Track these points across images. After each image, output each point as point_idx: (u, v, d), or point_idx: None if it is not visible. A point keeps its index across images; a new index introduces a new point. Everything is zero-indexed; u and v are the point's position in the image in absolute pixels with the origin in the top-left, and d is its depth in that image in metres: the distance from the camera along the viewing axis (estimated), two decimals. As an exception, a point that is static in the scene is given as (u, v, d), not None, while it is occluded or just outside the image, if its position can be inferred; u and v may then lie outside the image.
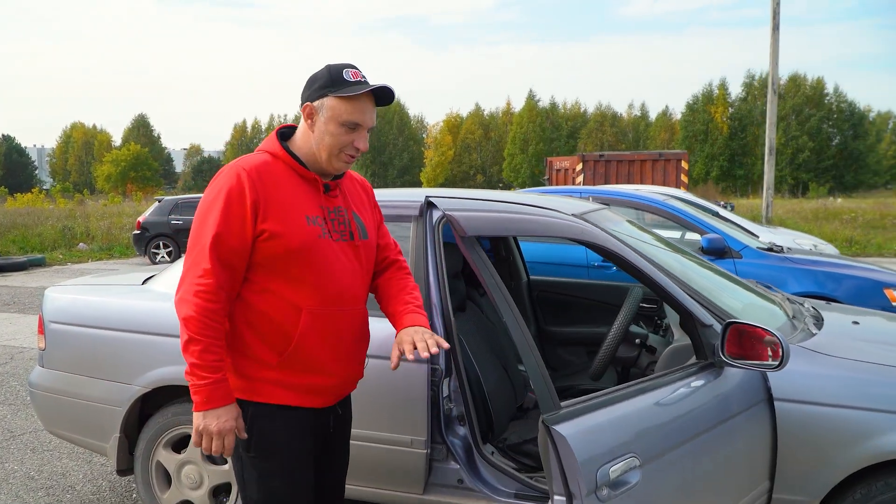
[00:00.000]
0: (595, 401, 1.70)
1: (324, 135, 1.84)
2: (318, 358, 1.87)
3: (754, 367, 2.00)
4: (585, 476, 1.51)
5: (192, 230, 1.83)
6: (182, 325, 1.75)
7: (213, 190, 1.83)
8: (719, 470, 1.98)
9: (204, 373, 1.73)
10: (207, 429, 1.75)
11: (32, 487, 3.65)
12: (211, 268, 1.74)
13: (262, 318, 1.84)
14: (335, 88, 1.81)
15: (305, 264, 1.83)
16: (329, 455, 2.07)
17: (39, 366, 3.29)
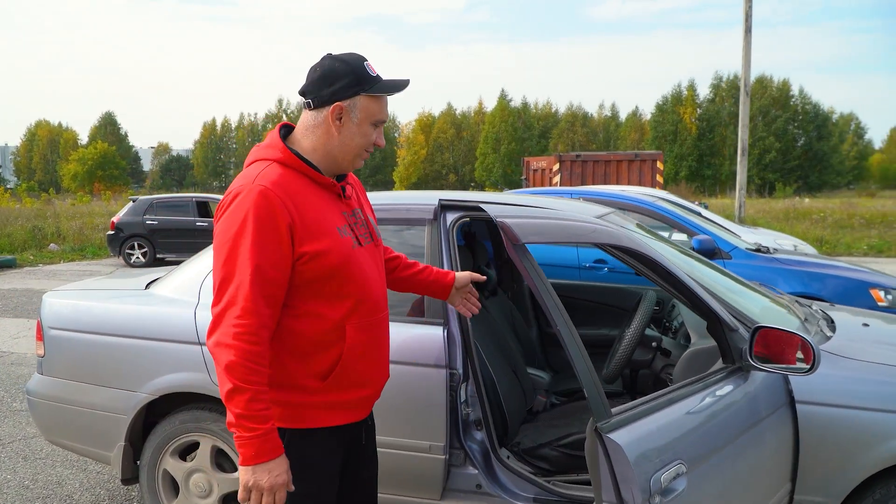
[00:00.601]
0: (643, 408, 1.70)
1: (354, 136, 1.74)
2: (363, 371, 1.81)
3: (784, 372, 2.02)
4: (640, 484, 1.51)
5: (219, 263, 1.64)
6: (223, 373, 1.58)
7: (236, 216, 1.63)
8: (751, 473, 2.00)
9: (252, 424, 1.57)
10: (258, 485, 1.60)
11: (28, 497, 3.56)
12: (252, 306, 1.58)
13: (305, 342, 1.73)
14: (366, 87, 1.71)
15: (346, 279, 1.73)
16: (359, 467, 2.00)
17: (38, 373, 3.20)
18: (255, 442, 1.58)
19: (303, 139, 1.77)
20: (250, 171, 1.73)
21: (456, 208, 2.78)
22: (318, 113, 1.74)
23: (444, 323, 2.62)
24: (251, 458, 1.59)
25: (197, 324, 2.84)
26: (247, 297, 1.58)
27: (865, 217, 20.22)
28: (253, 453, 1.58)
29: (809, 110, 64.98)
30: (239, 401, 1.57)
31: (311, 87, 1.74)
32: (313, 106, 1.74)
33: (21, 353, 6.59)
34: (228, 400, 1.58)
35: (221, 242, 1.65)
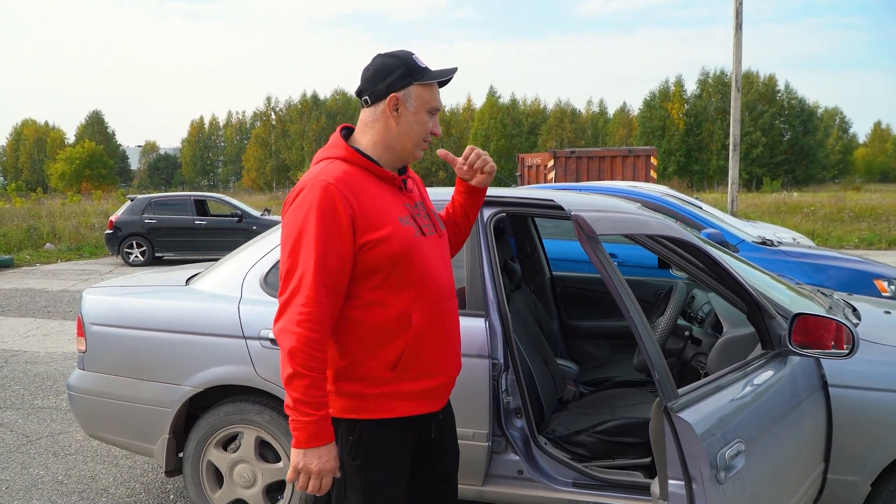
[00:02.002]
0: (705, 388, 1.80)
1: (412, 124, 1.81)
2: (431, 360, 1.84)
3: (824, 356, 2.12)
4: (709, 460, 1.61)
5: (285, 254, 1.72)
6: (286, 357, 1.65)
7: (301, 209, 1.71)
8: (794, 453, 2.10)
9: (309, 409, 1.65)
10: (308, 467, 1.67)
11: (64, 492, 3.62)
12: (315, 294, 1.65)
13: (372, 332, 1.78)
14: (417, 76, 1.79)
15: (408, 267, 1.77)
16: (432, 461, 2.00)
17: (79, 369, 3.26)
18: (309, 427, 1.65)
19: (363, 136, 1.85)
20: (314, 168, 1.81)
21: (492, 204, 2.87)
22: (376, 108, 1.82)
23: (485, 315, 2.71)
24: (304, 442, 1.66)
25: (241, 318, 2.92)
26: (310, 286, 1.65)
27: (854, 210, 20.48)
28: (306, 437, 1.66)
29: (795, 105, 65.64)
30: (298, 385, 1.64)
31: (366, 85, 1.83)
32: (370, 102, 1.82)
33: (34, 352, 6.62)
34: (288, 384, 1.65)
35: (287, 235, 1.73)
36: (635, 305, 1.70)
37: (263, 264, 3.03)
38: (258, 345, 2.88)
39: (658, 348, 1.67)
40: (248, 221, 13.75)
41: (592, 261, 1.68)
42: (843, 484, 2.40)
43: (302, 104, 77.04)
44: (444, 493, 2.04)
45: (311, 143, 72.38)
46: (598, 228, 1.65)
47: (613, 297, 1.69)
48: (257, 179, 74.12)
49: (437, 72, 1.82)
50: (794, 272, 5.50)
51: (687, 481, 1.63)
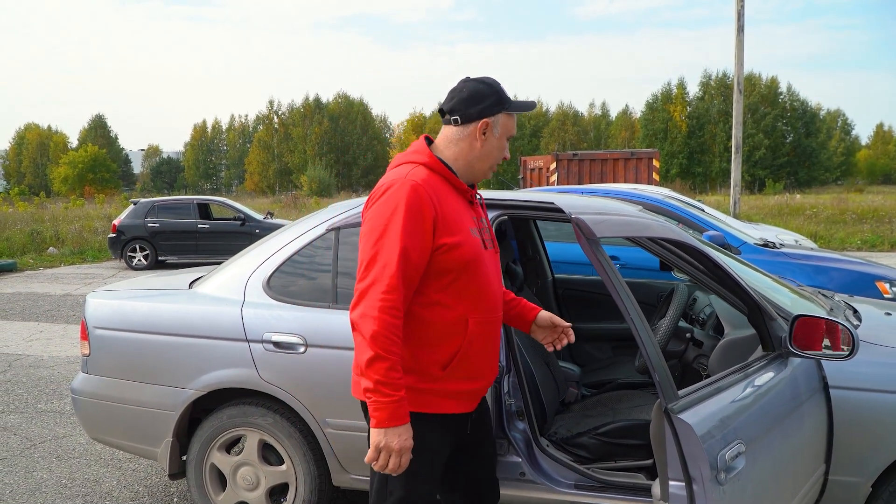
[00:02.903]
0: (705, 390, 1.81)
1: (494, 148, 1.97)
2: (478, 364, 1.97)
3: (824, 358, 2.13)
4: (709, 461, 1.62)
5: (369, 244, 1.83)
6: (367, 342, 1.74)
7: (389, 204, 1.83)
8: (795, 454, 2.11)
9: (389, 390, 1.74)
10: (388, 446, 1.75)
11: (68, 496, 3.63)
12: (396, 283, 1.77)
13: (432, 331, 1.89)
14: (505, 106, 1.96)
15: (473, 275, 1.91)
16: (470, 452, 2.14)
17: (83, 372, 3.28)
18: (390, 407, 1.74)
19: (445, 149, 2.00)
20: (400, 170, 1.95)
21: (495, 207, 2.88)
22: (464, 128, 1.97)
23: None
24: (385, 422, 1.75)
25: (244, 321, 2.93)
26: (393, 275, 1.77)
27: (857, 212, 20.46)
28: (387, 417, 1.75)
29: (797, 107, 65.60)
30: (379, 368, 1.73)
31: (458, 106, 1.97)
32: (460, 122, 1.97)
33: (37, 356, 6.64)
34: (369, 367, 1.74)
35: (373, 227, 1.84)
36: (636, 308, 1.71)
37: (266, 268, 3.04)
38: (261, 348, 2.89)
39: (658, 350, 1.68)
40: (250, 225, 13.78)
41: (593, 263, 1.69)
42: (844, 485, 2.40)
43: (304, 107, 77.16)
44: (485, 479, 2.21)
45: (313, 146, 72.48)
46: (599, 231, 1.67)
47: (614, 300, 1.70)
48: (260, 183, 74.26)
49: (520, 103, 1.99)
50: (796, 274, 5.51)
51: (687, 482, 1.64)
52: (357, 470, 2.88)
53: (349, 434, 2.83)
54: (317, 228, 3.04)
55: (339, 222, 3.00)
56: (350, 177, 72.37)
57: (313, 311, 2.90)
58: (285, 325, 2.89)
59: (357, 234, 2.97)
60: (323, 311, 2.89)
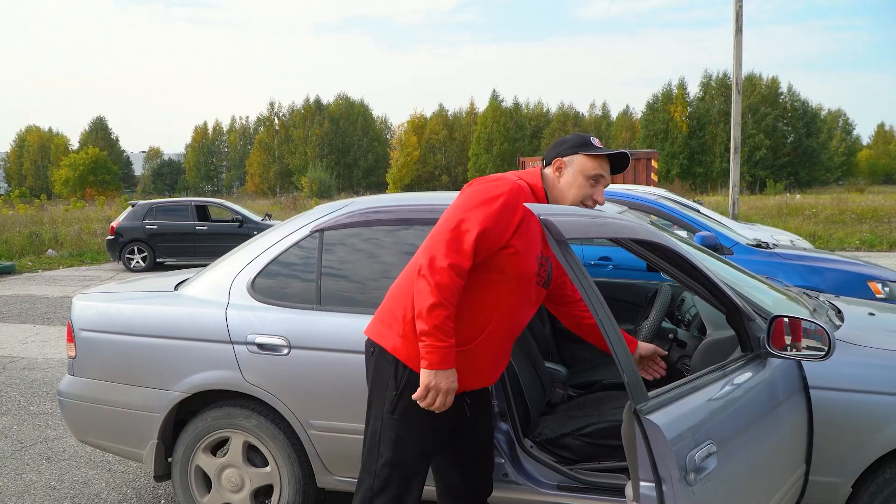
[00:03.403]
0: (676, 391, 1.81)
1: (571, 186, 2.12)
2: (482, 365, 2.13)
3: (801, 358, 2.13)
4: (677, 462, 1.61)
5: (459, 210, 2.01)
6: (432, 288, 1.92)
7: (493, 189, 2.03)
8: (772, 455, 2.11)
9: (444, 336, 1.92)
10: (438, 386, 1.94)
11: (56, 497, 3.64)
12: (469, 251, 1.94)
13: (462, 308, 2.01)
14: (585, 148, 2.13)
15: (514, 291, 2.07)
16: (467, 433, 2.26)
17: (69, 374, 3.28)
18: (442, 351, 1.93)
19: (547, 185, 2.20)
20: (510, 174, 2.16)
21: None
22: (549, 168, 2.18)
23: None
24: (437, 364, 1.93)
25: (228, 323, 2.93)
26: (469, 243, 1.96)
27: (857, 212, 20.45)
28: (439, 360, 1.93)
29: (798, 107, 65.56)
30: (439, 314, 1.92)
31: (548, 153, 2.22)
32: (545, 165, 2.20)
33: (32, 358, 6.66)
34: (430, 312, 1.92)
35: (471, 199, 2.03)
36: (604, 308, 1.71)
37: (251, 269, 3.05)
38: (245, 350, 2.90)
39: (628, 352, 1.68)
40: (248, 226, 13.79)
41: (562, 263, 1.70)
42: (824, 485, 2.40)
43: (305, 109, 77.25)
44: (475, 466, 2.35)
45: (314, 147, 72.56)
46: (567, 232, 1.68)
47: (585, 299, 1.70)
48: (261, 184, 74.34)
49: (603, 148, 2.15)
50: (789, 274, 5.51)
51: (657, 483, 1.64)
52: (341, 472, 2.88)
53: (333, 436, 2.83)
54: (301, 230, 3.04)
55: (323, 224, 3.00)
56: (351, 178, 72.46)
57: (297, 312, 2.90)
58: (269, 327, 2.89)
59: (340, 236, 2.99)
60: (307, 313, 2.89)
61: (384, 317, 2.16)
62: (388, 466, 2.11)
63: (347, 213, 3.00)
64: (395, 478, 2.11)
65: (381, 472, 2.12)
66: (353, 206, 3.03)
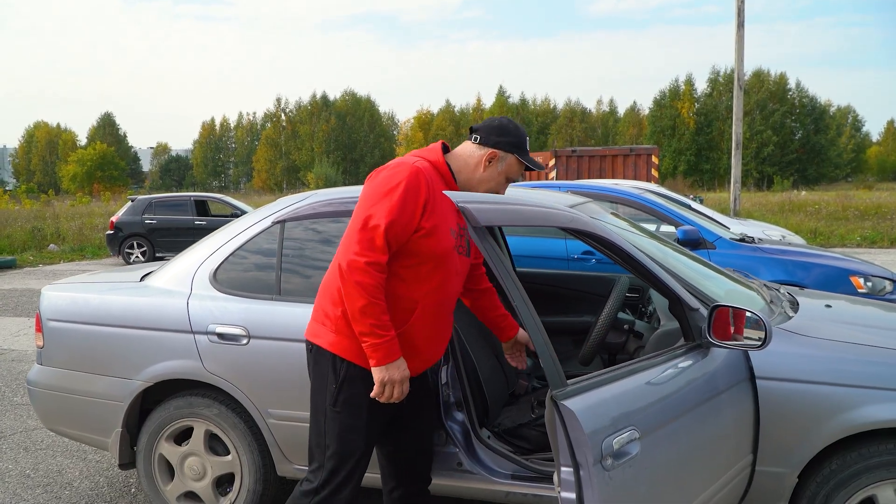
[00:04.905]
0: (598, 378, 1.82)
1: (491, 179, 2.18)
2: (418, 345, 2.16)
3: (739, 347, 2.14)
4: (592, 447, 1.63)
5: (365, 206, 2.03)
6: (358, 290, 1.97)
7: (392, 178, 2.04)
8: (709, 443, 2.12)
9: (383, 331, 1.98)
10: (392, 378, 2.01)
11: (29, 485, 3.68)
12: (382, 245, 1.98)
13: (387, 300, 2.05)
14: (520, 152, 2.18)
15: (437, 268, 2.10)
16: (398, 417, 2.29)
17: (38, 363, 3.32)
18: (386, 345, 1.99)
19: (455, 160, 2.22)
20: (409, 156, 2.17)
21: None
22: (479, 149, 2.20)
23: None
24: (384, 359, 2.00)
25: (189, 313, 2.96)
26: (381, 237, 1.98)
27: (860, 209, 20.32)
28: (384, 354, 1.99)
29: (806, 104, 65.13)
30: (373, 312, 1.97)
31: (485, 130, 2.21)
32: (479, 141, 2.21)
33: (22, 350, 6.72)
34: (363, 313, 1.97)
35: (373, 192, 2.05)
36: (522, 295, 1.73)
37: (213, 260, 3.07)
38: (206, 339, 2.92)
39: (545, 337, 1.70)
40: (246, 222, 13.81)
41: (480, 250, 1.71)
42: (770, 475, 2.40)
43: (312, 105, 77.33)
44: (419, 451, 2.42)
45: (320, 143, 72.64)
46: (484, 219, 1.69)
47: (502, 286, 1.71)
48: (268, 180, 74.52)
49: (532, 159, 2.21)
50: (772, 268, 5.49)
51: (575, 468, 1.65)
52: (300, 460, 2.91)
53: (291, 424, 2.85)
54: (263, 221, 3.06)
55: (284, 215, 3.02)
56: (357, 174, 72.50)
57: (257, 303, 2.93)
58: (229, 317, 2.92)
59: (300, 227, 3.01)
60: (266, 304, 2.91)
61: (318, 315, 2.20)
62: (335, 458, 2.15)
63: (308, 205, 3.01)
64: (341, 468, 2.16)
65: (327, 463, 2.16)
66: (313, 198, 3.05)
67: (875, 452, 2.33)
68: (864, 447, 2.35)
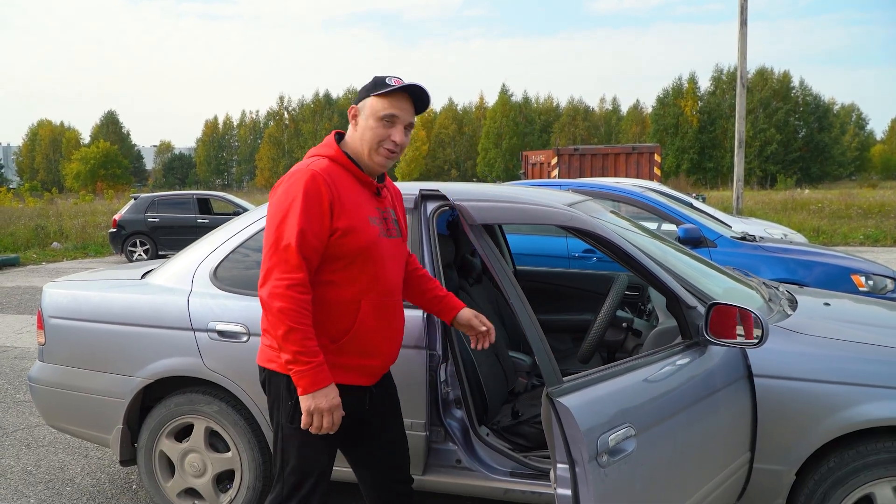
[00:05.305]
0: (594, 376, 1.83)
1: (365, 130, 2.03)
2: (372, 342, 2.08)
3: (736, 345, 2.15)
4: (587, 444, 1.64)
5: (271, 229, 1.97)
6: (278, 317, 1.88)
7: (289, 191, 1.97)
8: (705, 441, 2.12)
9: (308, 358, 1.89)
10: (319, 408, 1.91)
11: (31, 482, 3.70)
12: (299, 262, 1.90)
13: (324, 307, 2.01)
14: (375, 90, 2.03)
15: (367, 261, 2.03)
16: (374, 430, 2.24)
17: (39, 360, 3.33)
18: (311, 372, 1.89)
19: (347, 141, 2.13)
20: (305, 160, 2.08)
21: (436, 198, 2.90)
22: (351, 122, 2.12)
23: None
24: (310, 387, 1.90)
25: (190, 311, 2.97)
26: (294, 254, 1.91)
27: (863, 207, 20.28)
28: (310, 382, 1.89)
29: (810, 102, 64.95)
30: (295, 339, 1.88)
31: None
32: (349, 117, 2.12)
33: (24, 348, 6.74)
34: (285, 340, 1.88)
35: (276, 211, 1.98)
36: (518, 292, 1.73)
37: (214, 258, 3.08)
38: (206, 337, 2.93)
39: (541, 334, 1.70)
40: (249, 220, 13.83)
41: (476, 248, 1.71)
42: (768, 473, 2.41)
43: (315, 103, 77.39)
44: (395, 457, 2.31)
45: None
46: (479, 217, 1.70)
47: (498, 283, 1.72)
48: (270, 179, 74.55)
49: (388, 82, 2.02)
50: (773, 267, 5.49)
51: (571, 465, 1.66)
52: (299, 457, 2.91)
53: (291, 422, 2.86)
54: (263, 219, 3.07)
55: (284, 213, 3.02)
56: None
57: (257, 300, 2.92)
58: (230, 315, 2.93)
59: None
60: (266, 301, 2.92)
61: (265, 338, 2.12)
62: (296, 472, 2.10)
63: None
64: (303, 482, 2.11)
65: (289, 479, 2.11)
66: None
67: (873, 450, 2.34)
68: (862, 445, 2.35)
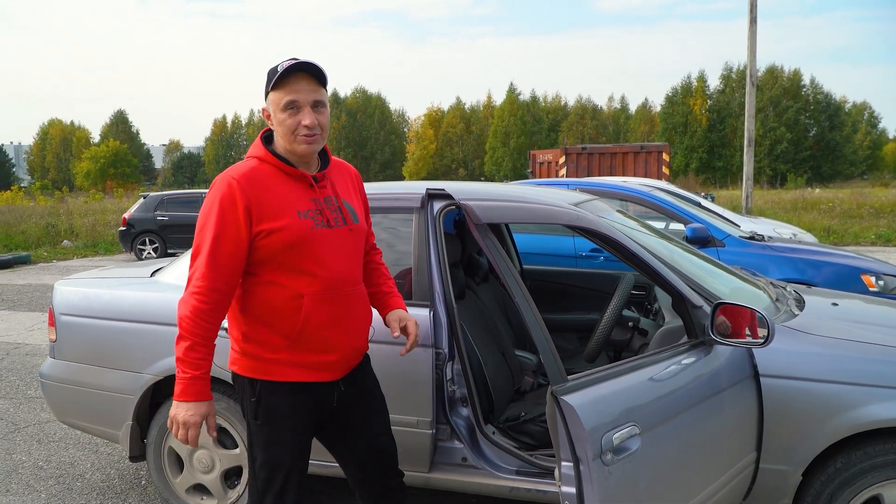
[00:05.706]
0: (599, 374, 1.84)
1: (277, 125, 2.03)
2: (324, 337, 2.05)
3: (742, 345, 2.15)
4: (592, 442, 1.64)
5: (195, 238, 2.02)
6: (178, 322, 1.95)
7: (209, 200, 2.00)
8: (710, 440, 2.13)
9: (185, 368, 1.94)
10: (175, 418, 1.96)
11: (42, 477, 3.74)
12: (207, 272, 1.93)
13: (268, 307, 2.02)
14: (270, 84, 2.02)
15: (302, 255, 2.00)
16: (351, 427, 2.23)
17: (50, 357, 3.37)
18: (183, 382, 1.94)
19: (276, 141, 2.11)
20: (233, 165, 2.08)
21: (443, 197, 2.90)
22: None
23: (430, 305, 2.75)
24: (178, 395, 1.95)
25: (198, 308, 2.99)
26: (205, 264, 1.94)
27: (875, 206, 20.14)
28: (180, 391, 1.95)
29: (821, 100, 64.48)
30: (181, 347, 1.94)
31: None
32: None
33: (36, 345, 6.80)
34: (177, 345, 1.95)
35: (199, 220, 2.03)
36: (523, 291, 1.74)
37: (222, 256, 3.10)
38: (214, 334, 2.95)
39: (546, 333, 1.71)
40: (257, 218, 13.88)
41: (482, 247, 1.72)
42: (774, 473, 2.41)
43: (323, 102, 77.32)
44: (379, 452, 2.29)
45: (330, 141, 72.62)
46: (486, 216, 1.70)
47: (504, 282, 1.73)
48: (279, 177, 74.57)
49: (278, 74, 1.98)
50: (782, 267, 5.47)
51: (575, 463, 1.67)
52: (307, 454, 2.93)
53: (298, 419, 2.88)
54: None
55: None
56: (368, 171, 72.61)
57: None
58: (238, 312, 2.94)
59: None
60: (274, 299, 2.94)
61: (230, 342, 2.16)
62: (266, 467, 2.12)
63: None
64: (273, 476, 2.12)
65: (259, 474, 2.14)
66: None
67: (881, 451, 2.34)
68: (870, 446, 2.35)
